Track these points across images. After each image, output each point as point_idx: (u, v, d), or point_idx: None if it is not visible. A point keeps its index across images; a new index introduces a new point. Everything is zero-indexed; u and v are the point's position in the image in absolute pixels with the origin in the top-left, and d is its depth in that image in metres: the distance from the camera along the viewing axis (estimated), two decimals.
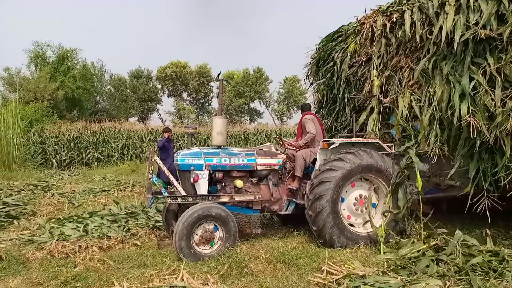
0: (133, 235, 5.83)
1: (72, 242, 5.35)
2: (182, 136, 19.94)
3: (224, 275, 4.34)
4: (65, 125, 19.20)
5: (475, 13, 4.94)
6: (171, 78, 44.26)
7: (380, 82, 6.47)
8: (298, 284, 4.14)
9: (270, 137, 21.33)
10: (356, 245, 5.34)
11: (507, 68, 4.69)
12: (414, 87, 5.90)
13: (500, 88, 4.72)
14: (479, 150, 5.01)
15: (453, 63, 5.23)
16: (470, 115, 4.84)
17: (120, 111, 32.13)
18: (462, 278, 3.99)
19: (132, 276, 4.27)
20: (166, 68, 44.13)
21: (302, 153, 6.04)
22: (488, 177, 5.01)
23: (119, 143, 18.44)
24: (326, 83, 8.05)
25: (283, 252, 5.04)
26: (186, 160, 5.50)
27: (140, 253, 5.12)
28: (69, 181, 12.42)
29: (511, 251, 4.37)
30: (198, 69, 45.92)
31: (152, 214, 6.78)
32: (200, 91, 46.13)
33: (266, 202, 5.87)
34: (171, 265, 4.54)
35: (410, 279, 3.91)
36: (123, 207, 7.09)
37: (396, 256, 4.73)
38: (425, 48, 5.71)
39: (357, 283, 3.87)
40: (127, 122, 23.85)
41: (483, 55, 4.96)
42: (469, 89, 4.91)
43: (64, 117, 23.57)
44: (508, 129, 4.61)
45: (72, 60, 28.53)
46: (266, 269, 4.63)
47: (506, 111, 4.65)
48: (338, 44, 7.76)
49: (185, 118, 41.70)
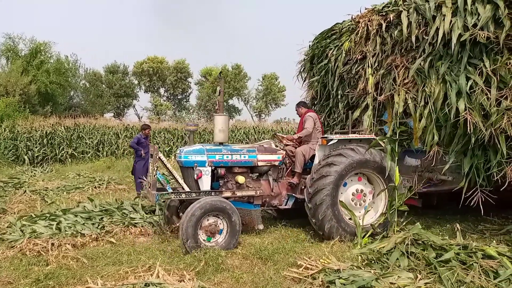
0: (107, 232, 5.74)
1: (44, 240, 5.22)
2: (159, 133, 19.72)
3: (201, 271, 4.33)
4: (38, 121, 18.66)
5: (473, 16, 5.14)
6: (148, 74, 43.67)
7: (375, 80, 6.65)
8: (274, 279, 4.18)
9: (248, 134, 21.32)
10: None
11: (502, 70, 4.93)
12: (409, 85, 6.07)
13: (496, 88, 4.94)
14: (472, 147, 5.23)
15: (449, 63, 5.44)
16: (467, 112, 5.05)
17: (95, 106, 31.48)
18: (433, 271, 4.12)
19: (107, 273, 4.21)
20: (143, 63, 43.52)
21: (301, 149, 6.20)
22: (481, 173, 5.23)
23: (94, 139, 18.08)
24: (320, 80, 8.14)
25: (259, 248, 5.08)
26: (190, 156, 5.61)
27: (115, 250, 5.05)
28: (42, 178, 12.10)
29: (478, 245, 4.51)
30: (175, 65, 45.46)
31: (127, 211, 6.69)
32: (177, 87, 45.70)
33: (266, 197, 6.05)
34: (147, 262, 4.51)
35: (383, 273, 4.00)
36: (97, 204, 6.96)
37: (369, 251, 4.83)
38: (420, 48, 5.90)
39: (332, 277, 3.93)
40: (103, 118, 23.36)
41: (480, 57, 5.18)
42: (466, 88, 5.12)
43: (36, 112, 22.91)
44: (503, 127, 4.83)
45: (46, 54, 27.77)
46: (242, 264, 4.66)
47: (501, 110, 4.88)
48: (332, 42, 7.87)
49: (162, 114, 41.24)
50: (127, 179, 11.69)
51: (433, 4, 5.66)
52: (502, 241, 5.34)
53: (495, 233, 5.86)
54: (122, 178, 11.83)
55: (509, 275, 3.87)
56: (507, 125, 4.81)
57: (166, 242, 5.51)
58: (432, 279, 3.93)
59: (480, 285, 3.83)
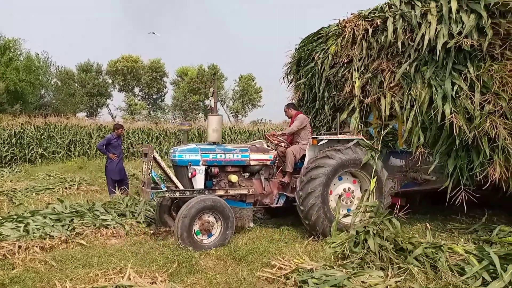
0: (78, 234, 5.59)
1: (11, 242, 5.04)
2: (133, 133, 19.39)
3: (173, 273, 4.28)
4: (6, 120, 18.09)
5: (458, 24, 5.38)
6: (122, 73, 42.99)
7: (361, 83, 6.83)
8: (248, 279, 4.17)
9: (224, 135, 21.24)
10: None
11: (485, 76, 5.21)
12: (395, 89, 6.28)
13: (479, 93, 5.21)
14: (456, 148, 5.47)
15: (434, 69, 5.69)
16: (452, 115, 5.30)
17: (67, 105, 30.77)
18: (403, 268, 4.21)
19: (76, 276, 4.10)
20: (117, 62, 42.79)
21: (292, 149, 6.34)
22: (464, 173, 5.50)
23: (65, 139, 17.61)
24: (306, 83, 8.28)
25: (233, 248, 5.06)
26: (184, 156, 5.70)
27: (85, 252, 4.93)
28: (10, 178, 11.72)
29: (447, 243, 4.64)
30: (150, 64, 44.92)
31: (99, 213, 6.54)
32: (152, 86, 45.16)
33: (258, 196, 6.19)
34: (118, 264, 4.41)
35: (354, 272, 4.06)
36: (68, 206, 6.76)
37: (342, 249, 4.90)
38: (406, 53, 6.11)
39: (305, 277, 3.96)
40: (75, 118, 22.82)
41: (464, 63, 5.44)
42: (451, 93, 5.37)
43: (5, 111, 22.21)
44: (486, 130, 5.10)
45: (15, 51, 26.93)
46: (216, 265, 4.63)
47: (484, 114, 5.15)
48: (319, 45, 8.00)
49: (137, 114, 40.64)
50: (99, 180, 11.46)
51: (419, 12, 5.86)
52: (470, 240, 5.50)
53: (463, 232, 6.03)
54: (94, 179, 11.58)
55: (475, 272, 4.00)
56: (490, 128, 5.06)
57: (138, 243, 5.41)
58: (403, 277, 4.02)
59: (447, 282, 3.94)
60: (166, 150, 18.66)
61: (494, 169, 5.14)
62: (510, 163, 5.12)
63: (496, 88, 5.12)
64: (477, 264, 4.10)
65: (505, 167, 5.15)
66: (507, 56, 5.21)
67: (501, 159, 5.14)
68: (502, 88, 5.12)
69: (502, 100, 5.13)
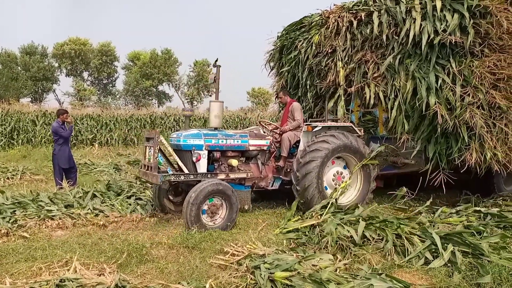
0: (20, 226, 5.30)
1: None
2: (81, 119, 18.56)
3: (123, 264, 4.16)
4: None
5: (442, 22, 5.87)
6: (70, 56, 40.96)
7: (345, 72, 7.19)
8: (200, 267, 4.14)
9: (179, 121, 20.84)
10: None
11: (466, 71, 5.77)
12: (378, 79, 6.73)
13: (460, 86, 5.77)
14: (436, 135, 6.06)
15: (418, 62, 6.18)
16: (437, 105, 5.81)
17: (9, 90, 28.96)
18: (354, 252, 4.36)
19: (17, 271, 3.88)
20: (64, 45, 40.67)
21: (287, 135, 6.71)
22: (443, 157, 6.12)
23: (7, 126, 16.54)
24: (290, 70, 8.49)
25: (186, 237, 4.99)
26: (188, 140, 5.91)
27: (28, 245, 4.67)
28: None
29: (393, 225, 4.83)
30: (100, 48, 43.08)
31: (44, 204, 6.21)
32: (102, 71, 43.39)
33: (256, 179, 6.51)
34: (64, 256, 4.22)
35: (305, 255, 4.14)
36: (9, 197, 6.38)
37: (296, 235, 5.01)
38: (390, 46, 6.54)
39: (257, 263, 3.98)
40: (18, 103, 21.50)
41: (446, 58, 5.96)
42: (435, 85, 5.88)
43: None
44: (465, 119, 5.68)
45: None
46: (168, 254, 4.55)
47: (464, 105, 5.73)
48: (302, 34, 8.24)
49: (86, 99, 38.99)
50: (44, 169, 10.91)
51: (404, 8, 6.27)
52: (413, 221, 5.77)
53: (408, 214, 6.30)
54: (39, 168, 11.00)
55: (419, 252, 4.22)
56: (469, 118, 5.65)
57: (86, 234, 5.21)
58: (351, 259, 4.16)
59: (393, 263, 4.13)
60: (116, 138, 18.06)
61: (471, 154, 5.75)
62: (484, 149, 5.73)
63: (475, 82, 5.70)
64: (420, 244, 4.32)
65: (480, 152, 5.75)
66: (486, 53, 5.78)
67: (477, 145, 5.76)
68: (480, 82, 5.70)
69: (480, 92, 5.71)
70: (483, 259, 3.98)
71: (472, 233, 4.63)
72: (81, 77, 43.83)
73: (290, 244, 4.79)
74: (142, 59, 43.26)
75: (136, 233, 5.26)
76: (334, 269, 3.87)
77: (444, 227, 4.99)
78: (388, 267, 4.08)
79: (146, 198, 6.77)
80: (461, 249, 4.16)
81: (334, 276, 3.61)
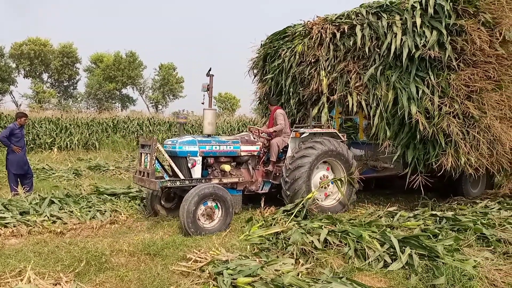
0: None
1: None
2: (39, 122, 17.85)
3: (81, 272, 4.02)
4: None
5: (421, 37, 6.32)
6: (29, 57, 39.40)
7: (328, 81, 7.55)
8: (162, 274, 4.07)
9: (142, 126, 20.45)
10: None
11: (443, 83, 6.24)
12: (360, 88, 7.12)
13: (438, 97, 6.24)
14: (415, 142, 6.49)
15: (399, 73, 6.62)
16: (417, 114, 6.26)
17: None
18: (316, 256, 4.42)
19: None
20: (23, 45, 39.06)
21: (276, 141, 7.01)
22: (421, 162, 6.55)
23: None
24: (274, 78, 8.78)
25: (148, 244, 4.89)
26: (183, 147, 6.11)
27: None
28: None
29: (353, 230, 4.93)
30: (61, 49, 41.70)
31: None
32: (63, 72, 41.97)
33: (246, 183, 6.75)
34: (17, 266, 4.02)
35: (268, 260, 4.17)
36: None
37: (260, 239, 5.03)
38: (372, 57, 6.94)
39: (220, 268, 3.96)
40: None
41: (425, 70, 6.42)
42: (415, 95, 6.33)
43: None
44: (442, 127, 6.15)
45: None
46: (128, 262, 4.44)
47: (442, 114, 6.22)
48: (285, 43, 8.56)
49: (45, 102, 37.58)
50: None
51: (386, 23, 6.70)
52: (374, 225, 5.91)
53: (369, 217, 6.46)
54: None
55: (378, 256, 4.33)
56: (446, 126, 6.13)
57: (42, 242, 5.00)
58: (312, 263, 4.22)
59: (353, 266, 4.22)
60: (77, 142, 17.48)
61: (447, 159, 6.22)
62: (459, 154, 6.22)
63: (452, 93, 6.17)
64: (379, 248, 4.44)
65: (455, 157, 6.22)
66: (461, 67, 6.24)
67: (453, 151, 6.23)
68: (456, 94, 6.18)
69: (455, 103, 6.20)
70: (438, 261, 4.12)
71: (429, 236, 4.79)
72: (41, 78, 42.24)
73: (253, 249, 4.79)
74: (106, 61, 42.25)
75: (96, 240, 5.09)
76: (296, 274, 3.91)
77: (403, 231, 5.16)
78: (349, 270, 4.15)
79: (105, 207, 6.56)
80: (418, 251, 4.29)
81: (296, 280, 3.65)
